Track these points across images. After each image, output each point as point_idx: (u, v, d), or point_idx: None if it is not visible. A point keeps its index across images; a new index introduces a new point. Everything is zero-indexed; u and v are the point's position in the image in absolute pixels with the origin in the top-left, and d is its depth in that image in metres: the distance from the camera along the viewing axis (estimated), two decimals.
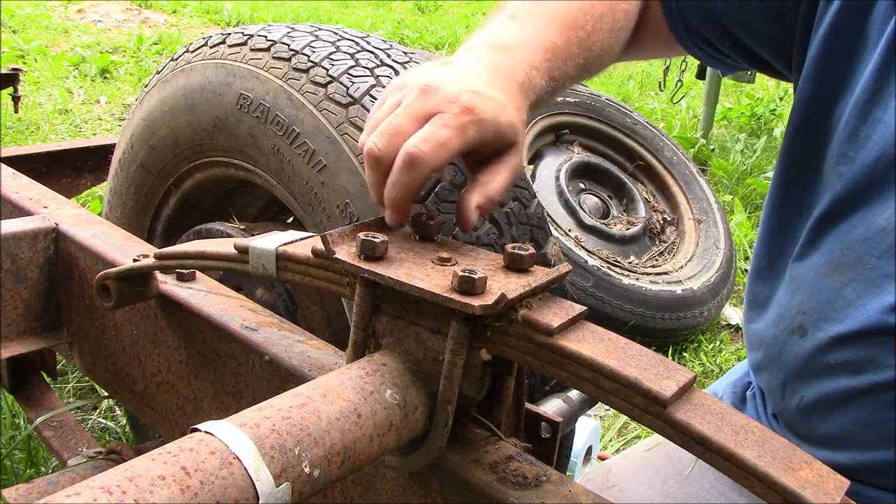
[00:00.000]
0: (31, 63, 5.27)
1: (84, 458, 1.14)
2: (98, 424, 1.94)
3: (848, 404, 0.88)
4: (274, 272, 0.75)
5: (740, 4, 0.97)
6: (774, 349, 0.97)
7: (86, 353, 1.14)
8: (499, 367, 0.67)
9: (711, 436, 0.53)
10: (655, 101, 5.92)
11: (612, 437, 2.20)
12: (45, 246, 1.12)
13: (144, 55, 5.81)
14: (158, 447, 0.48)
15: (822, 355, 0.89)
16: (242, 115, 1.18)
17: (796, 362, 0.93)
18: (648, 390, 0.54)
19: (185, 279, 0.98)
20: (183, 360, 0.96)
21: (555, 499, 0.62)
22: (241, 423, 0.51)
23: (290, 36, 1.19)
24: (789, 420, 0.98)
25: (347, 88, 1.09)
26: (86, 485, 0.43)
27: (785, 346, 0.95)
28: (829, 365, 0.88)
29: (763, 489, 0.51)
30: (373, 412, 0.59)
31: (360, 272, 0.65)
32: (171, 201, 1.40)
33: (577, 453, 1.71)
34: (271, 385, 0.84)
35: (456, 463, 0.66)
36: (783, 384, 0.97)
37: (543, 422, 0.76)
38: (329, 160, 1.08)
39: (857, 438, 0.88)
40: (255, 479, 0.48)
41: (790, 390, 0.96)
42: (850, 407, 0.88)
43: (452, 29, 8.23)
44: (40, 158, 1.95)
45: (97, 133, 4.26)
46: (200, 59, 1.25)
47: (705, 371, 2.65)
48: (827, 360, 0.89)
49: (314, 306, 1.23)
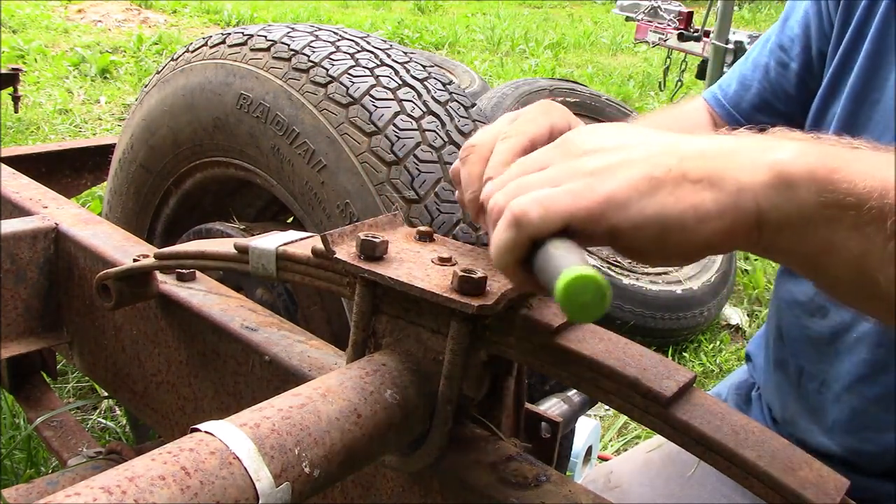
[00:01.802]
0: (31, 63, 5.27)
1: (84, 458, 1.14)
2: (98, 424, 1.94)
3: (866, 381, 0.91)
4: (274, 272, 0.75)
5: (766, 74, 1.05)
6: (792, 334, 1.02)
7: (86, 353, 1.14)
8: (499, 367, 0.67)
9: (711, 436, 0.53)
10: (655, 101, 5.93)
11: (612, 437, 2.20)
12: (45, 246, 1.12)
13: (144, 55, 5.81)
14: (158, 447, 0.48)
15: (846, 332, 0.94)
16: (242, 115, 1.18)
17: (818, 344, 0.97)
18: (648, 390, 0.54)
19: (185, 279, 0.98)
20: (183, 360, 0.96)
21: (555, 499, 0.62)
22: (241, 423, 0.51)
23: (290, 36, 1.18)
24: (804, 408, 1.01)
25: (347, 88, 1.09)
26: (86, 485, 0.43)
27: (805, 329, 0.99)
28: (852, 341, 0.92)
29: (763, 489, 0.51)
30: (373, 412, 0.59)
31: (360, 272, 0.65)
32: (171, 201, 1.40)
33: (577, 453, 1.71)
34: (271, 385, 0.84)
35: (456, 463, 0.66)
36: (799, 371, 1.00)
37: (543, 422, 0.76)
38: (329, 160, 1.08)
39: (872, 418, 0.91)
40: (255, 479, 0.48)
41: (807, 377, 0.99)
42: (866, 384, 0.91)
43: (452, 29, 8.23)
44: (40, 158, 1.95)
45: (97, 133, 4.27)
46: (200, 59, 1.25)
47: (705, 371, 2.65)
48: (850, 337, 0.93)
49: (314, 306, 1.23)
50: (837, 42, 0.94)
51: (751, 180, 0.50)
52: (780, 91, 1.03)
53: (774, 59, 1.03)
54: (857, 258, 0.48)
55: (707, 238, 0.50)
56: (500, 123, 0.74)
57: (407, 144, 1.07)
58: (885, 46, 0.88)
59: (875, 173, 0.48)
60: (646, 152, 0.53)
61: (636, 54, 8.20)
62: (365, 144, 1.06)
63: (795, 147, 0.51)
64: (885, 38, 0.88)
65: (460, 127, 1.14)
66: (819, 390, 0.98)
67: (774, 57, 1.03)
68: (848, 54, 0.92)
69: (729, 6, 4.13)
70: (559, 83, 3.29)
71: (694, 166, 0.51)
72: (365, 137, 1.06)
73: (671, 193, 0.50)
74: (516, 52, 7.72)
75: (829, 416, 0.97)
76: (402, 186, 1.04)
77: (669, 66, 4.78)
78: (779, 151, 0.51)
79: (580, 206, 0.51)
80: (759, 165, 0.50)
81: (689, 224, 0.50)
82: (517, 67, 6.89)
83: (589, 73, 6.89)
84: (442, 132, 1.11)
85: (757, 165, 0.50)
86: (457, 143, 1.11)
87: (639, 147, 0.54)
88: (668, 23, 4.57)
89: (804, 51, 0.99)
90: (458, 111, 1.16)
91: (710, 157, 0.52)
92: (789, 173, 0.49)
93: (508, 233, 0.54)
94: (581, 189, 0.52)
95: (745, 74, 1.07)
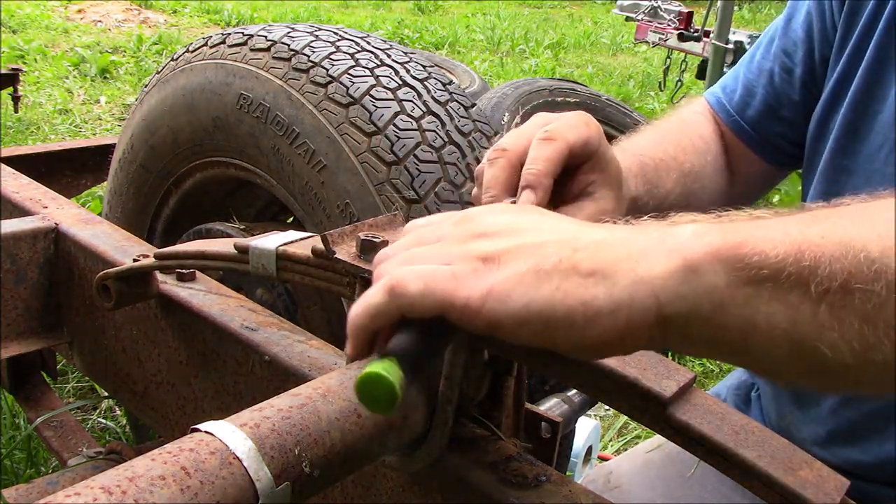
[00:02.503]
0: (31, 63, 5.27)
1: (84, 458, 1.14)
2: (98, 424, 1.94)
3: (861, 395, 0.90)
4: (274, 272, 0.75)
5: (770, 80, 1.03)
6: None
7: (86, 353, 1.14)
8: (499, 367, 0.67)
9: (711, 436, 0.53)
10: (655, 101, 5.92)
11: (612, 437, 2.20)
12: (45, 246, 1.12)
13: (144, 55, 5.81)
14: (158, 447, 0.48)
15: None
16: (242, 115, 1.18)
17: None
18: (648, 390, 0.54)
19: (185, 279, 0.98)
20: (183, 360, 0.96)
21: (555, 499, 0.62)
22: (241, 423, 0.51)
23: (290, 36, 1.19)
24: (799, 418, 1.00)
25: (347, 88, 1.09)
26: (86, 485, 0.43)
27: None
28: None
29: (763, 489, 0.51)
30: (373, 412, 0.59)
31: (360, 272, 0.65)
32: (171, 201, 1.41)
33: (577, 453, 1.71)
34: (271, 385, 0.84)
35: (456, 463, 0.66)
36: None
37: (543, 422, 0.76)
38: (329, 160, 1.08)
39: (868, 431, 0.90)
40: (255, 479, 0.48)
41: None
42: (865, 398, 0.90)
43: (452, 29, 8.23)
44: (40, 158, 1.95)
45: (97, 133, 4.27)
46: (200, 59, 1.25)
47: (705, 371, 2.65)
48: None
49: (314, 306, 1.23)
50: (840, 48, 0.93)
51: (648, 272, 0.46)
52: (784, 98, 1.01)
53: (779, 65, 1.02)
54: (787, 332, 0.43)
55: (598, 336, 0.46)
56: (530, 127, 0.73)
57: (407, 144, 1.07)
58: (888, 56, 0.87)
59: (784, 238, 0.44)
60: (539, 240, 0.49)
61: (636, 54, 8.20)
62: (365, 144, 1.06)
63: (693, 229, 0.47)
64: (887, 48, 0.87)
65: (460, 127, 1.14)
66: (816, 401, 0.97)
67: (779, 62, 1.02)
68: (851, 62, 0.91)
69: (729, 6, 4.13)
70: (559, 83, 3.29)
71: (586, 257, 0.47)
72: (365, 137, 1.06)
73: (558, 288, 0.46)
74: (516, 52, 7.72)
75: (825, 426, 0.96)
76: (402, 186, 1.04)
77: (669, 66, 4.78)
78: (677, 237, 0.47)
79: (460, 295, 0.48)
80: (657, 254, 0.46)
81: (577, 321, 0.46)
82: (517, 67, 6.89)
83: (589, 73, 6.89)
84: (442, 132, 1.11)
85: (654, 255, 0.46)
86: (457, 143, 1.11)
87: (534, 234, 0.50)
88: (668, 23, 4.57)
89: (807, 55, 0.98)
90: (458, 111, 1.16)
91: (604, 247, 0.48)
92: (690, 258, 0.45)
93: (381, 298, 0.50)
94: (466, 275, 0.49)
95: (749, 79, 1.05)
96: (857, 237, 0.42)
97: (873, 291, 0.41)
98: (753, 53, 1.07)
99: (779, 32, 1.03)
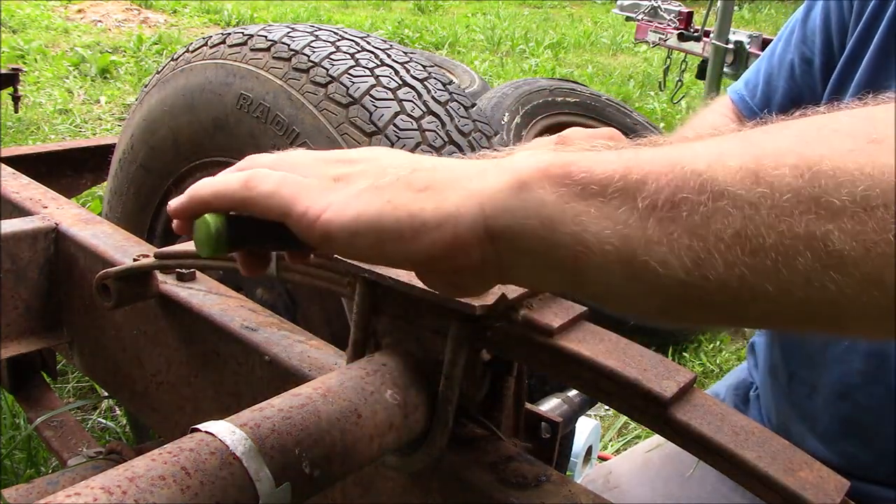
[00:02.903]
0: (31, 63, 5.27)
1: (84, 458, 1.14)
2: (98, 424, 1.94)
3: (859, 390, 0.90)
4: (274, 272, 0.75)
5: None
6: (784, 337, 1.00)
7: (86, 353, 1.14)
8: (499, 367, 0.67)
9: (711, 436, 0.53)
10: (655, 102, 5.92)
11: (612, 437, 2.20)
12: (45, 246, 1.12)
13: (144, 55, 5.81)
14: (158, 447, 0.48)
15: (838, 341, 0.93)
16: (242, 115, 1.18)
17: (810, 349, 0.96)
18: (648, 391, 0.54)
19: (185, 279, 0.98)
20: (183, 360, 0.96)
21: (555, 499, 0.62)
22: (241, 423, 0.51)
23: (290, 36, 1.19)
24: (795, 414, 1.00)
25: (347, 88, 1.09)
26: (86, 485, 0.43)
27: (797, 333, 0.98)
28: (843, 349, 0.91)
29: (763, 490, 0.51)
30: (373, 412, 0.59)
31: (360, 272, 0.65)
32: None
33: (577, 453, 1.71)
34: (271, 385, 0.84)
35: (456, 463, 0.66)
36: (790, 376, 0.99)
37: (543, 422, 0.76)
38: None
39: (865, 426, 0.90)
40: (255, 480, 0.48)
41: (797, 381, 0.98)
42: (859, 393, 0.90)
43: (452, 29, 8.23)
44: (40, 158, 1.95)
45: (97, 133, 4.26)
46: (200, 59, 1.25)
47: (705, 371, 2.65)
48: (841, 346, 0.92)
49: (314, 306, 1.23)
50: (852, 35, 0.93)
51: (478, 188, 0.46)
52: (805, 89, 1.01)
53: (798, 56, 1.01)
54: (618, 249, 0.42)
55: (426, 249, 0.46)
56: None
57: (407, 144, 1.07)
58: (890, 46, 0.87)
59: (617, 159, 0.44)
60: (387, 163, 0.51)
61: (636, 54, 8.20)
62: (365, 144, 1.06)
63: (529, 152, 0.47)
64: (890, 38, 0.87)
65: (460, 127, 1.14)
66: (809, 395, 0.97)
67: (798, 53, 1.02)
68: (857, 49, 0.91)
69: (729, 6, 4.13)
70: (559, 83, 3.29)
71: (423, 176, 0.48)
72: (365, 137, 1.06)
73: (389, 201, 0.47)
74: (516, 52, 7.72)
75: (821, 422, 0.96)
76: None
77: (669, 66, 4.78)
78: (512, 159, 0.47)
79: (301, 203, 0.49)
80: (490, 173, 0.47)
81: (405, 233, 0.46)
82: (517, 67, 6.89)
83: (589, 73, 6.89)
84: (442, 132, 1.11)
85: (488, 173, 0.47)
86: (457, 143, 1.11)
87: (387, 159, 0.52)
88: (668, 23, 4.57)
89: (825, 44, 0.98)
90: (459, 111, 1.16)
91: (442, 168, 0.49)
92: (520, 175, 0.45)
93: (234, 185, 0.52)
94: (312, 187, 0.50)
95: (770, 73, 1.05)
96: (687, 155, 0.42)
97: (699, 202, 0.40)
98: (774, 46, 1.07)
99: (798, 24, 1.03)
